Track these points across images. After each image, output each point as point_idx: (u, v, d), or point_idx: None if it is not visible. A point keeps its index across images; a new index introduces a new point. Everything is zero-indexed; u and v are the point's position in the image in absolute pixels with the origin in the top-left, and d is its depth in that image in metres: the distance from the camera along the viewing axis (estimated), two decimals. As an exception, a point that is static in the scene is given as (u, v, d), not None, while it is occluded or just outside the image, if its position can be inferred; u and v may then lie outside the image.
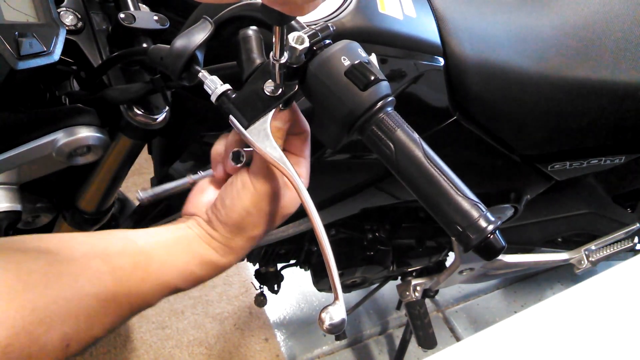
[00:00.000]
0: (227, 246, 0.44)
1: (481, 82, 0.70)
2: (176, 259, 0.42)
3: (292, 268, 1.16)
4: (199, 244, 0.44)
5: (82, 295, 0.36)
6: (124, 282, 0.39)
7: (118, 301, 0.38)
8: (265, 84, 0.41)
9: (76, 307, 0.35)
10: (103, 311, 0.37)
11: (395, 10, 0.63)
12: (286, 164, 0.41)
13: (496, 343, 0.43)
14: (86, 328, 0.36)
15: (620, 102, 0.76)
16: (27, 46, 0.45)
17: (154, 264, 0.41)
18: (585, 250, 1.10)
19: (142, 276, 0.40)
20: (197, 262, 0.43)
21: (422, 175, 0.38)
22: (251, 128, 0.41)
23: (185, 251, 0.43)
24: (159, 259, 0.41)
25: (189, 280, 0.43)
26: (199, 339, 1.43)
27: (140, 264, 0.40)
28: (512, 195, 0.89)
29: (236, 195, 0.43)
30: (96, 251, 0.39)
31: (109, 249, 0.40)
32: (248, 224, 0.44)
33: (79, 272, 0.36)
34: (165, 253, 0.42)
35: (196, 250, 0.44)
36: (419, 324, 1.18)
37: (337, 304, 0.38)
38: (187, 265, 0.43)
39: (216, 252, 0.44)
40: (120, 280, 0.38)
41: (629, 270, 0.50)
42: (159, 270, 0.41)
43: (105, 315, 0.38)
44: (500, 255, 0.39)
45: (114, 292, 0.38)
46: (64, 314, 0.34)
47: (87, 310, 0.36)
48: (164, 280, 0.41)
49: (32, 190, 0.66)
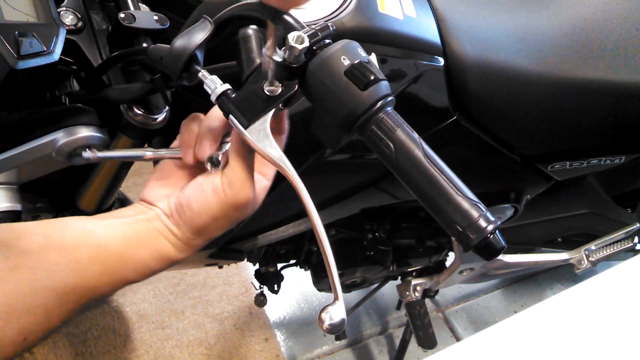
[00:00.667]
0: (185, 244, 0.44)
1: (481, 82, 0.70)
2: (135, 254, 0.41)
3: (292, 268, 1.16)
4: (158, 239, 0.43)
5: (40, 289, 0.35)
6: (82, 275, 0.38)
7: (76, 293, 0.38)
8: (265, 84, 0.41)
9: (34, 301, 0.35)
10: (61, 304, 0.37)
11: (395, 10, 0.63)
12: (286, 164, 0.41)
13: (496, 343, 0.43)
14: (44, 321, 0.36)
15: (620, 102, 0.76)
16: (27, 46, 0.45)
17: (112, 257, 0.40)
18: (585, 250, 1.10)
19: (101, 269, 0.39)
20: (154, 257, 0.43)
21: (422, 175, 0.38)
22: (251, 128, 0.41)
23: (144, 246, 0.42)
24: (117, 252, 0.40)
25: (144, 274, 0.43)
26: (199, 339, 1.43)
27: (99, 257, 0.39)
28: (512, 195, 0.89)
29: (205, 201, 0.42)
30: (53, 243, 0.38)
31: (66, 241, 0.38)
32: (212, 229, 0.43)
33: (36, 266, 0.36)
34: (124, 247, 0.41)
35: (155, 245, 0.43)
36: (419, 324, 1.18)
37: (337, 304, 0.38)
38: (144, 260, 0.42)
39: (174, 248, 0.44)
40: (78, 273, 0.38)
41: (629, 270, 0.50)
42: (116, 264, 0.40)
43: (64, 307, 0.37)
44: (500, 255, 0.39)
45: (72, 285, 0.37)
46: (22, 308, 0.34)
47: (45, 303, 0.35)
48: (121, 274, 0.41)
49: (32, 190, 0.66)
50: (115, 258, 0.40)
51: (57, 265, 0.37)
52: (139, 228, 0.43)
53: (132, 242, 0.42)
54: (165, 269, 0.44)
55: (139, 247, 0.42)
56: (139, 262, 0.42)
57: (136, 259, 0.41)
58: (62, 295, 0.36)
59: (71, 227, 0.40)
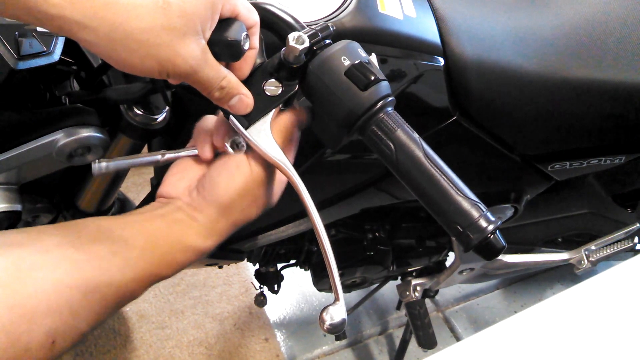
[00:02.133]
0: (209, 229, 0.43)
1: (481, 82, 0.70)
2: (157, 247, 0.40)
3: (292, 268, 1.16)
4: (180, 230, 0.42)
5: (62, 287, 0.34)
6: (104, 272, 0.36)
7: (101, 292, 0.36)
8: (266, 84, 0.41)
9: (58, 300, 0.33)
10: (87, 304, 0.35)
11: (395, 10, 0.63)
12: (286, 165, 0.41)
13: (496, 343, 0.43)
14: (71, 322, 0.34)
15: (620, 102, 0.76)
16: (27, 46, 0.45)
17: (134, 251, 0.39)
18: (585, 250, 1.10)
19: (122, 264, 0.38)
20: (179, 248, 0.41)
21: (422, 175, 0.38)
22: (251, 128, 0.41)
23: (166, 238, 0.41)
24: (139, 246, 0.39)
25: (172, 267, 0.41)
26: (199, 339, 1.43)
27: (120, 252, 0.38)
28: (512, 195, 0.89)
29: (229, 175, 0.42)
30: (70, 241, 0.36)
31: (83, 238, 0.37)
32: (236, 207, 0.42)
33: (56, 263, 0.34)
34: (145, 241, 0.40)
35: (177, 236, 0.41)
36: (419, 324, 1.18)
37: (338, 304, 0.38)
38: (169, 252, 0.41)
39: (198, 236, 0.42)
40: (100, 269, 0.36)
41: (629, 270, 0.50)
42: (139, 258, 0.39)
43: (90, 307, 0.36)
44: (500, 255, 0.39)
45: (95, 283, 0.35)
46: (46, 308, 0.32)
47: (70, 302, 0.34)
48: (147, 269, 0.39)
49: (32, 190, 0.66)
50: (137, 252, 0.39)
51: (77, 262, 0.35)
52: (159, 221, 0.42)
53: (152, 235, 0.40)
54: (194, 260, 0.43)
55: (161, 240, 0.41)
56: (163, 255, 0.40)
57: (160, 252, 0.40)
58: (86, 293, 0.35)
59: (87, 225, 0.39)
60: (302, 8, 0.57)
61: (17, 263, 0.33)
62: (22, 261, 0.33)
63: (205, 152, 0.45)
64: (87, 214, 0.69)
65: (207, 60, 0.37)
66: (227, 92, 0.40)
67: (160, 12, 0.33)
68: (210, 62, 0.38)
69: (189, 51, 0.35)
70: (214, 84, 0.39)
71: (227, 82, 0.39)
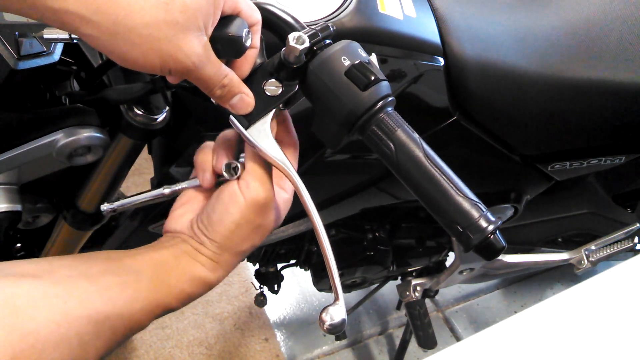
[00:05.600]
0: (215, 262, 0.42)
1: (481, 82, 0.70)
2: (166, 278, 0.40)
3: (292, 268, 1.16)
4: (187, 261, 0.42)
5: (73, 318, 0.33)
6: (114, 303, 0.36)
7: (111, 323, 0.36)
8: (266, 84, 0.41)
9: (68, 331, 0.33)
10: (96, 334, 0.35)
11: (395, 10, 0.63)
12: (287, 165, 0.41)
13: (496, 343, 0.43)
14: (79, 353, 0.34)
15: (620, 102, 0.76)
16: (27, 46, 0.45)
17: (143, 282, 0.39)
18: (585, 250, 1.10)
19: (133, 295, 0.38)
20: (186, 279, 0.41)
21: (423, 175, 0.38)
22: (251, 128, 0.41)
23: (174, 270, 0.41)
24: (147, 277, 0.39)
25: (181, 299, 0.42)
26: (199, 339, 1.43)
27: (129, 283, 0.38)
28: (512, 195, 0.89)
29: (224, 208, 0.41)
30: (80, 273, 0.37)
31: (93, 270, 0.38)
32: (236, 239, 0.42)
33: (67, 294, 0.34)
34: (153, 272, 0.40)
35: (185, 267, 0.42)
36: (419, 324, 1.18)
37: (338, 304, 0.38)
38: (177, 283, 0.41)
39: (205, 268, 0.42)
40: (110, 301, 0.36)
41: (629, 270, 0.50)
42: (148, 289, 0.39)
43: (99, 339, 0.35)
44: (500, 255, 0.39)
45: (105, 314, 0.36)
46: (56, 339, 0.32)
47: (79, 334, 0.34)
48: (155, 299, 0.39)
49: (32, 190, 0.66)
50: (146, 283, 0.39)
51: (88, 293, 0.35)
52: (166, 253, 0.42)
53: (161, 266, 0.41)
54: (202, 292, 0.43)
55: (170, 271, 0.41)
56: (172, 287, 0.41)
57: (169, 283, 0.40)
58: (96, 324, 0.35)
59: (97, 257, 0.40)
60: (302, 8, 0.57)
61: (30, 292, 0.33)
62: (34, 291, 0.33)
63: (206, 181, 0.44)
64: (87, 214, 0.69)
65: (209, 57, 0.37)
66: (228, 90, 0.39)
67: (162, 7, 0.33)
68: (212, 59, 0.37)
69: (191, 47, 0.35)
70: (215, 82, 0.38)
71: (228, 80, 0.39)
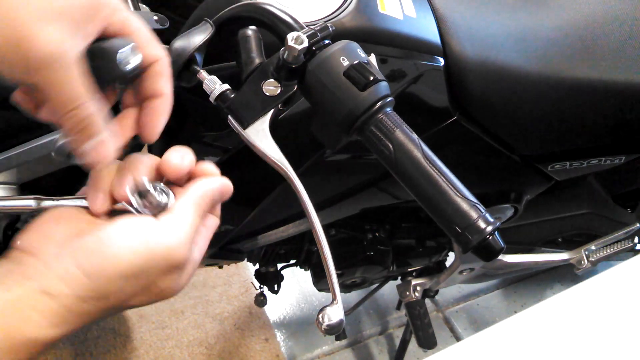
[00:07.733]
0: (67, 311, 0.29)
1: (481, 82, 0.70)
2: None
3: (292, 268, 1.16)
4: (22, 313, 0.28)
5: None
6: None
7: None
8: (264, 84, 0.41)
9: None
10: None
11: (395, 10, 0.63)
12: (285, 165, 0.41)
13: (496, 343, 0.43)
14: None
15: (620, 102, 0.76)
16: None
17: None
18: (585, 250, 1.10)
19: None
20: (9, 344, 0.28)
21: (421, 176, 0.38)
22: (250, 128, 0.41)
23: None
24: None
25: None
26: (199, 339, 1.43)
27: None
28: (512, 195, 0.89)
29: (128, 245, 0.30)
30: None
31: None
32: (128, 289, 0.31)
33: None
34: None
35: (13, 324, 0.28)
36: (419, 324, 1.18)
37: (335, 304, 0.38)
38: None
39: (43, 323, 0.29)
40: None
41: (629, 270, 0.50)
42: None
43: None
44: (499, 256, 0.39)
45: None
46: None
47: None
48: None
49: (32, 190, 0.66)
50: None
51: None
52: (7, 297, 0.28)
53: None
54: (26, 358, 0.29)
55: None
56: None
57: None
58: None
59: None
60: (302, 8, 0.57)
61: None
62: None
63: (97, 205, 0.34)
64: (87, 214, 0.69)
65: (70, 64, 0.27)
66: (81, 126, 0.29)
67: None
68: (75, 72, 0.28)
69: (54, 37, 0.26)
70: (66, 105, 0.28)
71: (83, 110, 0.29)
